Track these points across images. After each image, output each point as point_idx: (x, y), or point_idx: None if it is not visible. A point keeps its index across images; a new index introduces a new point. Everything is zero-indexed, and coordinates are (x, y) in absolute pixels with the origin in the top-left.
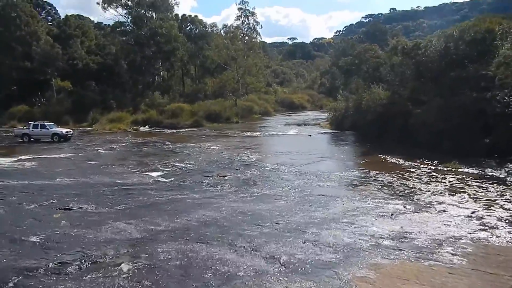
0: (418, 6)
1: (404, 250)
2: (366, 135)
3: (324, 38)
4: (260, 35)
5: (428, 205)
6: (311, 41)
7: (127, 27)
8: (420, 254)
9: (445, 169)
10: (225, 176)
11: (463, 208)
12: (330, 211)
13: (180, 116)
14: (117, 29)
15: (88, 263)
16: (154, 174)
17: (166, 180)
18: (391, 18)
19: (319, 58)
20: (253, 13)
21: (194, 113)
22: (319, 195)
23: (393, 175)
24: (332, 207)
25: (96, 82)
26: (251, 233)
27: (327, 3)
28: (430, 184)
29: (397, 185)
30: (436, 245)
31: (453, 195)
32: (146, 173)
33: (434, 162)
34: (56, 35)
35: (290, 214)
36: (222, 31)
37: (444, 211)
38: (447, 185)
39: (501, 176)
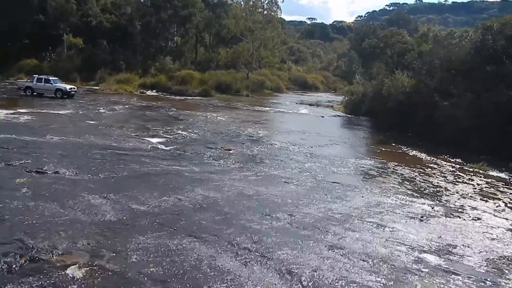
0: (446, 0)
1: (460, 275)
2: (384, 123)
3: (344, 21)
4: (280, 9)
5: (459, 209)
6: (331, 23)
7: None
8: (483, 285)
9: (471, 169)
10: (230, 149)
11: (501, 218)
12: (351, 205)
13: (190, 83)
14: None
15: (23, 262)
16: (154, 140)
17: (165, 148)
18: (416, 9)
19: (338, 41)
20: None
21: (204, 81)
22: (333, 182)
23: (414, 169)
24: (351, 200)
25: (108, 42)
26: (259, 227)
27: None
28: (457, 185)
29: (419, 181)
30: (495, 269)
31: (485, 201)
32: (146, 139)
33: (459, 160)
34: None
35: (304, 203)
36: (242, 1)
37: (479, 219)
38: (476, 188)
39: None
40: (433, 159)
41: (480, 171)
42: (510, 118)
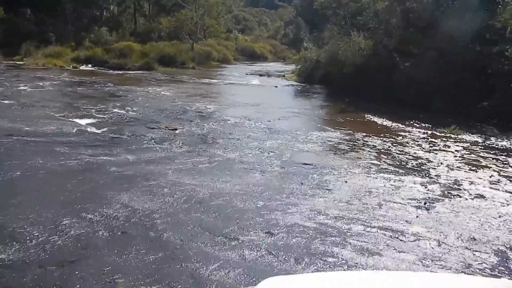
0: None
1: None
2: (341, 90)
3: None
4: None
5: (455, 186)
6: None
7: None
8: None
9: (443, 134)
10: (176, 129)
11: (504, 191)
12: (338, 197)
13: (129, 56)
14: None
15: None
16: (83, 121)
17: (96, 131)
18: None
19: (283, 9)
20: None
21: (145, 54)
22: (305, 164)
23: (385, 139)
24: (335, 188)
25: (33, 11)
26: (223, 274)
27: None
28: (436, 154)
29: (396, 153)
30: None
31: (475, 171)
32: (72, 120)
33: (427, 125)
34: None
35: (281, 205)
36: None
37: (482, 196)
38: (457, 156)
39: None
40: (400, 126)
41: (452, 135)
42: (475, 75)
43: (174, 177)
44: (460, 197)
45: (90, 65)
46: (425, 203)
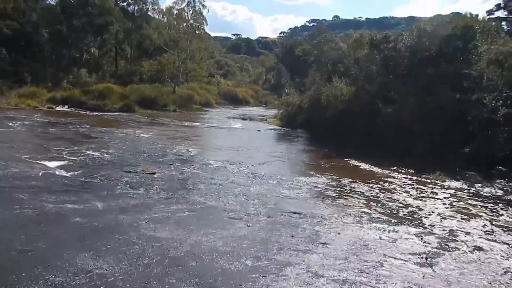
0: (360, 17)
1: None
2: (324, 134)
3: (268, 37)
4: (206, 21)
5: (451, 237)
6: (256, 38)
7: None
8: None
9: (428, 181)
10: (154, 173)
11: (501, 242)
12: (332, 251)
13: (108, 98)
14: None
15: None
16: (52, 164)
17: (65, 174)
18: (334, 25)
19: (264, 56)
20: None
21: (125, 96)
22: (293, 213)
23: (372, 185)
24: (327, 240)
25: (9, 51)
26: None
27: (274, 5)
28: (425, 201)
29: (386, 201)
30: None
31: (467, 220)
32: (40, 162)
33: (410, 170)
34: None
35: (271, 266)
36: (165, 10)
37: (481, 248)
38: (446, 204)
39: (498, 193)
40: (385, 171)
41: (437, 182)
42: (455, 121)
43: (148, 230)
44: (459, 250)
45: (66, 106)
46: (427, 259)
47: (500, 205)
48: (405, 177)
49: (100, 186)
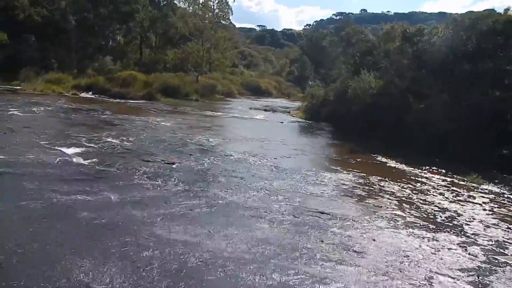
0: (388, 11)
1: None
2: (349, 128)
3: (293, 29)
4: (231, 10)
5: (499, 249)
6: (281, 30)
7: None
8: None
9: (463, 183)
10: (173, 163)
11: None
12: (369, 263)
13: (132, 86)
14: None
15: None
16: (70, 150)
17: (82, 162)
18: (362, 19)
19: (288, 48)
20: None
21: (149, 84)
22: (320, 213)
23: (402, 185)
24: (361, 248)
25: (37, 38)
26: None
27: None
28: (463, 206)
29: (420, 203)
30: None
31: None
32: (58, 148)
33: (442, 171)
34: None
35: (300, 277)
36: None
37: None
38: (486, 209)
39: None
40: (416, 171)
41: (474, 185)
42: (492, 121)
43: (162, 229)
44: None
45: (90, 93)
46: (478, 276)
47: None
48: (437, 178)
49: (116, 176)
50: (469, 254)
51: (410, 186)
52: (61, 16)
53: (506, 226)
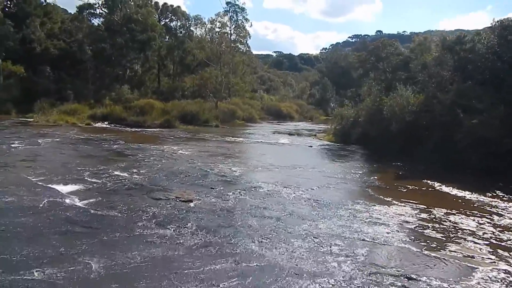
0: (404, 31)
1: None
2: (385, 151)
3: (310, 53)
4: (249, 35)
5: None
6: (298, 54)
7: (98, 11)
8: None
9: None
10: (191, 200)
11: None
12: None
13: (149, 114)
14: (86, 11)
15: None
16: (65, 188)
17: (77, 203)
18: (378, 40)
19: (307, 71)
20: (243, 9)
21: (167, 112)
22: (399, 276)
23: (476, 219)
24: None
25: (53, 69)
26: None
27: (316, 22)
28: None
29: None
30: None
31: None
32: (52, 186)
33: None
34: (10, 12)
35: None
36: (208, 25)
37: None
38: None
39: None
40: (482, 199)
41: None
42: None
43: None
44: None
45: (106, 123)
46: None
47: None
48: None
49: (114, 223)
50: None
51: (487, 220)
52: (78, 48)
53: None
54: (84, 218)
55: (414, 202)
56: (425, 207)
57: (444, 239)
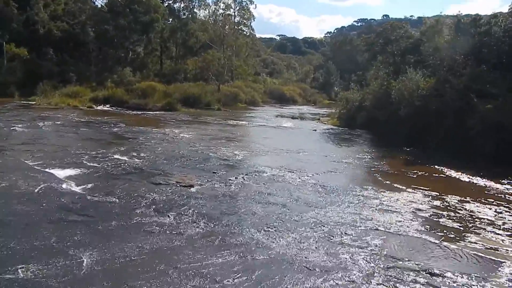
0: (412, 15)
1: None
2: (393, 136)
3: (314, 37)
4: (253, 17)
5: None
6: (302, 38)
7: None
8: None
9: None
10: (192, 185)
11: None
12: None
13: (151, 96)
14: None
15: None
16: (64, 172)
17: (73, 189)
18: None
19: (311, 55)
20: None
21: (168, 94)
22: (420, 271)
23: (492, 207)
24: None
25: (57, 51)
26: None
27: (321, 6)
28: None
29: None
30: None
31: None
32: (49, 170)
33: None
34: None
35: None
36: (212, 7)
37: None
38: None
39: None
40: (497, 186)
41: None
42: None
43: None
44: None
45: (108, 106)
46: None
47: None
48: None
49: (112, 210)
50: None
51: (506, 209)
52: (80, 29)
53: None
54: (80, 205)
55: (426, 188)
56: (438, 194)
57: (462, 229)
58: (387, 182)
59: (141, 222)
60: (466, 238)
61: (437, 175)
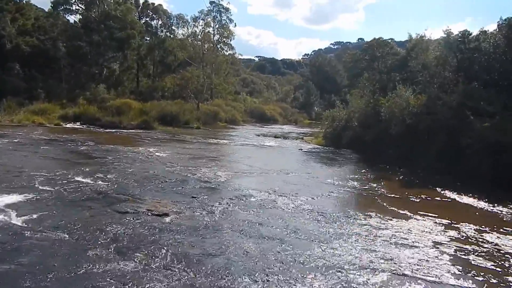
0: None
1: None
2: (382, 156)
3: (293, 59)
4: (233, 35)
5: None
6: (281, 59)
7: (74, 7)
8: None
9: None
10: (167, 214)
11: None
12: None
13: (126, 114)
14: (61, 7)
15: None
16: (7, 199)
17: (12, 221)
18: (359, 47)
19: (290, 75)
20: (227, 9)
21: (144, 112)
22: None
23: None
24: None
25: (24, 67)
26: None
27: (299, 29)
28: None
29: None
30: None
31: None
32: None
33: None
34: None
35: None
36: (190, 23)
37: None
38: None
39: None
40: (505, 211)
41: None
42: None
43: None
44: None
45: (78, 123)
46: None
47: None
48: None
49: (56, 253)
50: None
51: None
52: (51, 45)
53: None
54: (13, 246)
55: (434, 215)
56: (449, 222)
57: (500, 270)
58: (390, 207)
59: (93, 269)
60: (504, 281)
61: (439, 199)
